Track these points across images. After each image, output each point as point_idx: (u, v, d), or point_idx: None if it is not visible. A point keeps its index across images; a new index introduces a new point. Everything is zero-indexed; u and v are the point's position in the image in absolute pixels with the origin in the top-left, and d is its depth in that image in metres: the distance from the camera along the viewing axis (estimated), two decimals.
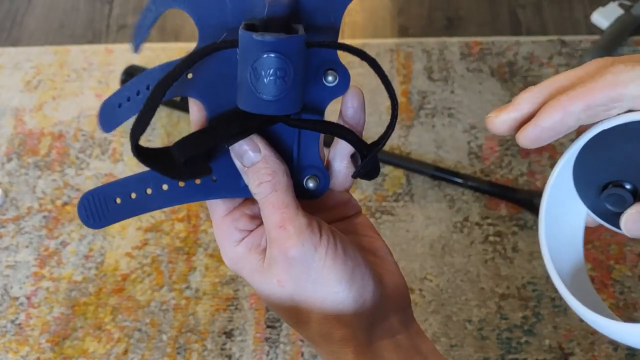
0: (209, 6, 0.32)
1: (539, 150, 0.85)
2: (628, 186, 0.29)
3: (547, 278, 0.76)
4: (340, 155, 0.35)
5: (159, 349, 0.73)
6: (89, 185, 0.85)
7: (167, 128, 0.89)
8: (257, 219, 0.35)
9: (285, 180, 0.32)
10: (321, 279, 0.32)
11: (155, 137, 0.88)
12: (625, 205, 0.30)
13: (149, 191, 0.33)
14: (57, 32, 1.02)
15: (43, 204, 0.84)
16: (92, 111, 0.91)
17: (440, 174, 0.82)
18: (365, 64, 0.33)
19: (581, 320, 0.75)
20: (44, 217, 0.83)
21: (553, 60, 0.92)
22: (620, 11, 0.95)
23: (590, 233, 0.79)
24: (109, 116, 0.35)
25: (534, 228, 0.79)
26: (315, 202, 0.35)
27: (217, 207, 0.35)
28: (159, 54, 0.96)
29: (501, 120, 0.31)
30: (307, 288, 0.32)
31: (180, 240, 0.80)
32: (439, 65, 0.93)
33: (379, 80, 0.33)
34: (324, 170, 0.35)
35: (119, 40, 1.00)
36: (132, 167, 0.86)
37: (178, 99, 0.87)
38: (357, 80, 0.87)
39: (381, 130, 0.34)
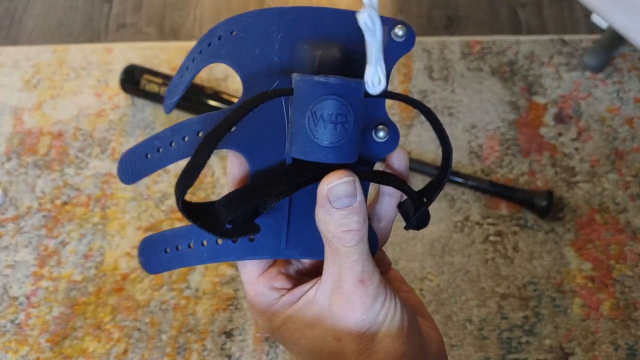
0: (256, 61, 0.31)
1: (540, 150, 0.85)
2: None
3: (548, 278, 0.76)
4: (378, 215, 0.34)
5: (159, 349, 0.73)
6: (88, 184, 0.85)
7: (166, 127, 0.89)
8: (293, 279, 0.34)
9: (367, 232, 0.31)
10: (388, 337, 0.31)
11: None
12: None
13: (191, 245, 0.32)
14: (56, 30, 1.01)
15: (42, 203, 0.83)
16: (91, 110, 0.91)
17: None
18: None
19: (582, 320, 0.75)
20: (44, 216, 0.82)
21: (554, 60, 0.92)
22: None
23: (590, 233, 0.79)
24: (133, 167, 0.33)
25: (534, 228, 0.79)
26: None
27: (252, 268, 0.33)
28: (157, 52, 0.95)
29: None
30: (367, 345, 0.31)
31: None
32: (439, 64, 0.93)
33: None
34: (373, 230, 0.33)
35: (118, 39, 0.99)
36: None
37: None
38: None
39: None
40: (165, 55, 0.95)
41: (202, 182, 0.83)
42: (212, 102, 0.86)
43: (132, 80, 0.89)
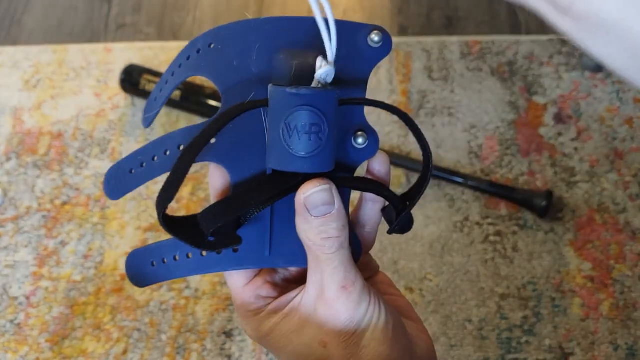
0: (234, 73, 0.31)
1: (539, 150, 0.85)
2: None
3: (547, 278, 0.76)
4: (362, 220, 0.34)
5: (158, 349, 0.73)
6: (88, 184, 0.85)
7: (166, 127, 0.89)
8: (279, 287, 0.34)
9: (348, 238, 0.31)
10: (373, 342, 0.31)
11: (155, 136, 0.88)
12: None
13: (177, 258, 0.33)
14: (56, 30, 1.01)
15: (42, 203, 0.83)
16: (91, 110, 0.91)
17: (440, 174, 0.82)
18: None
19: (582, 320, 0.75)
20: (43, 216, 0.82)
21: (553, 60, 0.92)
22: None
23: (589, 233, 0.79)
24: (118, 182, 0.33)
25: (534, 228, 0.79)
26: None
27: (239, 277, 0.34)
28: (157, 52, 0.95)
29: None
30: (353, 351, 0.31)
31: None
32: (438, 64, 0.93)
33: (377, 79, 0.33)
34: (356, 236, 0.34)
35: (117, 39, 1.00)
36: None
37: (177, 97, 0.87)
38: None
39: (380, 129, 0.34)
40: (165, 56, 0.95)
41: (201, 182, 0.84)
42: (212, 102, 0.86)
43: (132, 80, 0.89)
